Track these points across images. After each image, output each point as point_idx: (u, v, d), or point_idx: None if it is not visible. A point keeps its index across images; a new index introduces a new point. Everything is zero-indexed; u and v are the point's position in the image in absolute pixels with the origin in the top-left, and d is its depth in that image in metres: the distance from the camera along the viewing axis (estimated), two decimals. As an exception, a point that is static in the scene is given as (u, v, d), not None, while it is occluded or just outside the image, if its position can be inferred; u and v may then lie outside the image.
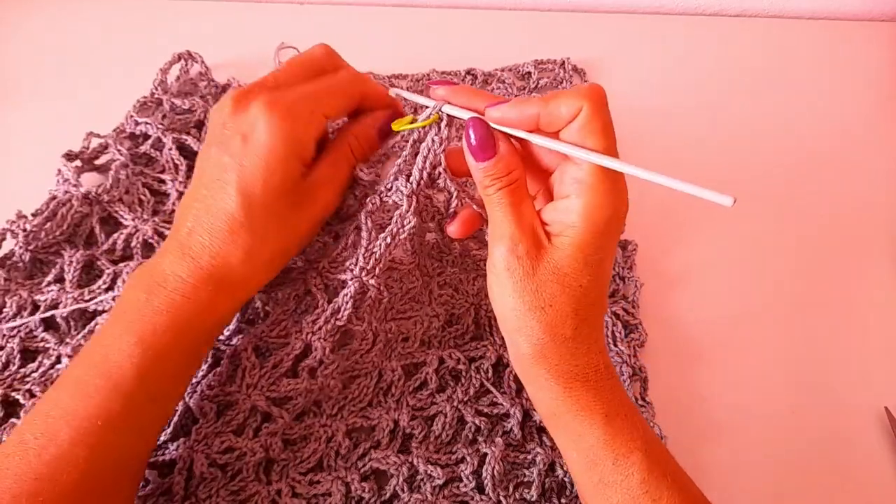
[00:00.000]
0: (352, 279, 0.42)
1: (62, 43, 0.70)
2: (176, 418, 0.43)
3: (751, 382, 0.51)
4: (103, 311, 0.48)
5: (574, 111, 0.35)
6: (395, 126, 0.42)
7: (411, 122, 0.41)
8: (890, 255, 0.58)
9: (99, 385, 0.35)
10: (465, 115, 0.38)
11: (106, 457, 0.35)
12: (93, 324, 0.48)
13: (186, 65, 0.65)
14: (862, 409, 0.49)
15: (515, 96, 0.64)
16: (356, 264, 0.42)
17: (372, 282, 0.42)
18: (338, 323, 0.43)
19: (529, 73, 0.68)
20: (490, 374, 0.48)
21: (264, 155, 0.37)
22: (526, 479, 0.44)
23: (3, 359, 0.47)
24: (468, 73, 0.68)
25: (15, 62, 0.69)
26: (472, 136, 0.37)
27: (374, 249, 0.42)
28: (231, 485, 0.42)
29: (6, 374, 0.46)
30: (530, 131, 0.37)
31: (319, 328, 0.43)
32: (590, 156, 0.35)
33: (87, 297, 0.49)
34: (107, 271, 0.50)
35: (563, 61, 0.68)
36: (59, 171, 0.54)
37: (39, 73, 0.67)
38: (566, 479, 0.44)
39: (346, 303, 0.42)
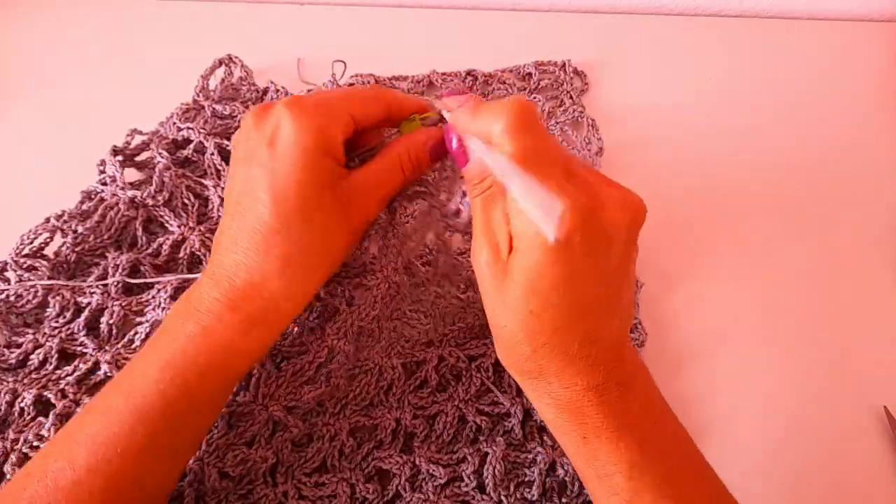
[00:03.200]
0: (381, 281, 0.42)
1: (61, 43, 0.71)
2: None
3: (750, 382, 0.51)
4: (145, 322, 0.48)
5: (487, 128, 0.34)
6: (402, 129, 0.41)
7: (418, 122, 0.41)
8: (890, 254, 0.58)
9: (122, 411, 0.34)
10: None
11: (123, 486, 0.34)
12: (132, 332, 0.48)
13: (229, 69, 0.65)
14: (861, 409, 0.50)
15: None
16: (387, 266, 0.42)
17: (396, 279, 0.43)
18: (360, 324, 0.43)
19: (530, 73, 0.68)
20: (490, 373, 0.48)
21: (293, 152, 0.35)
22: (527, 479, 0.44)
23: (41, 357, 0.47)
24: (469, 74, 0.68)
25: (31, 61, 0.69)
26: (446, 139, 0.37)
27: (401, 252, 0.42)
28: (238, 488, 0.42)
29: (42, 373, 0.46)
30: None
31: (345, 332, 0.43)
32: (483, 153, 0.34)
33: (134, 308, 0.49)
34: (157, 286, 0.50)
35: (564, 63, 0.68)
36: (104, 165, 0.54)
37: (44, 73, 0.68)
38: (567, 479, 0.44)
39: (375, 304, 0.43)
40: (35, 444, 0.43)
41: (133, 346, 0.47)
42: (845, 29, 0.78)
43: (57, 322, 0.48)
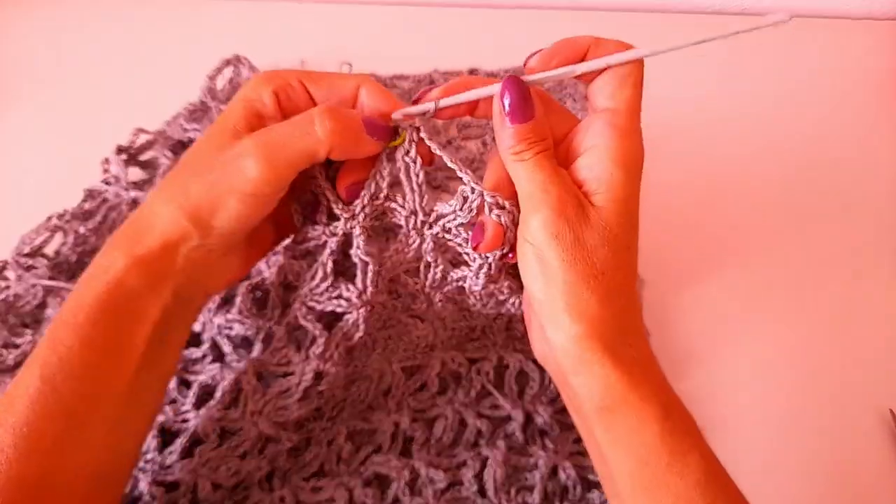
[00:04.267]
0: (363, 305, 0.40)
1: (67, 42, 0.70)
2: (183, 439, 0.42)
3: (753, 383, 0.51)
4: None
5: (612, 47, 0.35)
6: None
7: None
8: (892, 254, 0.58)
9: (28, 363, 0.33)
10: (465, 98, 0.36)
11: (31, 445, 0.32)
12: None
13: (236, 69, 0.64)
14: (866, 412, 0.49)
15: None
16: (362, 293, 0.40)
17: (380, 300, 0.41)
18: (347, 344, 0.42)
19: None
20: (491, 376, 0.48)
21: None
22: (528, 483, 0.44)
23: None
24: (470, 73, 0.68)
25: (37, 60, 0.69)
26: (508, 97, 0.34)
27: (374, 270, 0.40)
28: (234, 495, 0.42)
29: None
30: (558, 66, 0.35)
31: (330, 355, 0.41)
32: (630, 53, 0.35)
33: None
34: None
35: (567, 64, 0.68)
36: (108, 164, 0.54)
37: (49, 72, 0.68)
38: (568, 483, 0.44)
39: (358, 327, 0.41)
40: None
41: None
42: (845, 29, 0.78)
43: None
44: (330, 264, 0.40)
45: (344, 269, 0.41)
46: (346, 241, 0.39)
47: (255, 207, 0.35)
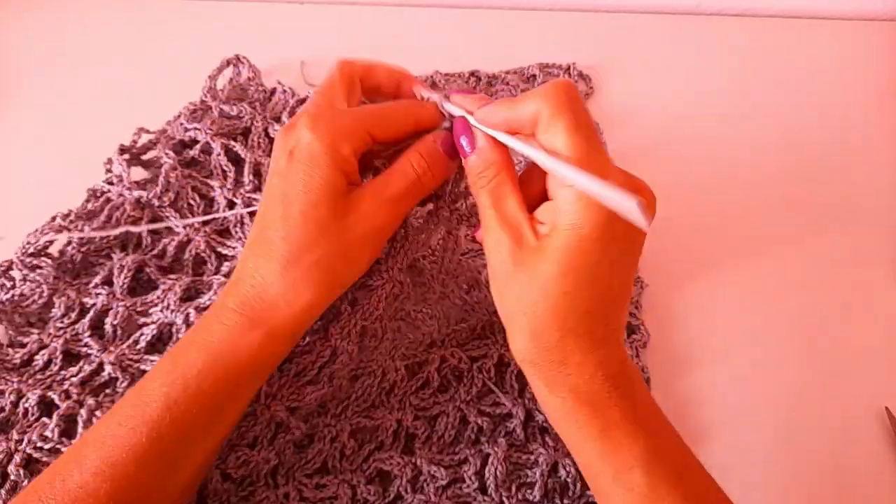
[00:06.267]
0: (387, 281, 0.42)
1: (69, 42, 0.71)
2: None
3: (752, 383, 0.51)
4: (150, 324, 0.48)
5: (533, 114, 0.34)
6: None
7: None
8: (890, 254, 0.58)
9: (130, 415, 0.35)
10: (459, 112, 0.39)
11: (128, 492, 0.34)
12: (137, 333, 0.48)
13: (237, 69, 0.65)
14: (862, 409, 0.50)
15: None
16: (392, 266, 0.42)
17: (400, 278, 0.43)
18: (363, 323, 0.43)
19: (534, 75, 0.68)
20: (492, 374, 0.48)
21: (305, 161, 0.36)
22: (528, 480, 0.44)
23: (46, 357, 0.47)
24: (472, 74, 0.68)
25: (38, 59, 0.69)
26: (455, 132, 0.38)
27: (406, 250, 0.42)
28: (240, 490, 0.42)
29: (47, 373, 0.46)
30: (511, 133, 0.36)
31: (348, 332, 0.43)
32: (546, 160, 0.33)
33: (139, 309, 0.49)
34: (161, 286, 0.50)
35: (569, 66, 0.68)
36: (111, 164, 0.54)
37: (51, 72, 0.68)
38: (569, 480, 0.44)
39: (379, 303, 0.43)
40: (39, 444, 0.43)
41: (138, 346, 0.47)
42: (845, 29, 0.78)
43: (62, 322, 0.48)
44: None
45: None
46: None
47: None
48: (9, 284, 0.49)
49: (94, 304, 0.49)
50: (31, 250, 0.50)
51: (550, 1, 0.79)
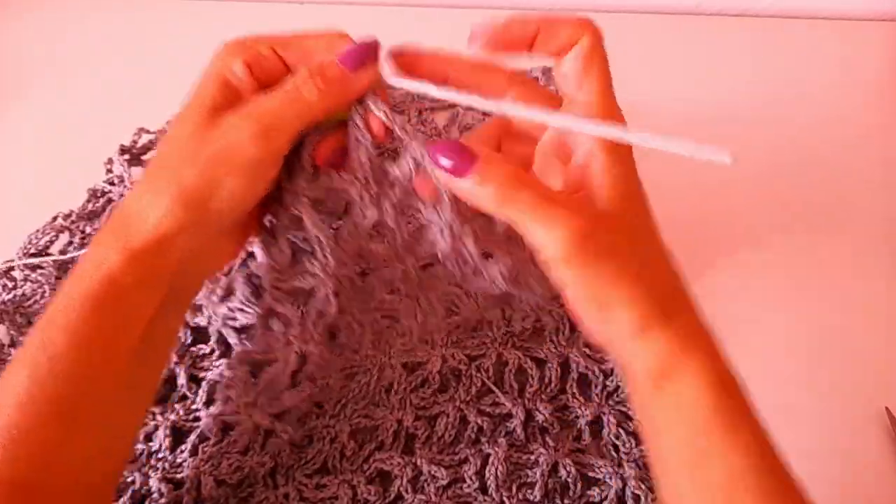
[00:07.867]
0: (323, 281, 0.39)
1: (69, 42, 0.71)
2: (193, 437, 0.43)
3: (751, 383, 0.51)
4: None
5: (574, 38, 0.32)
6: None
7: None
8: (890, 254, 0.58)
9: (18, 357, 0.33)
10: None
11: (18, 441, 0.31)
12: None
13: None
14: (862, 410, 0.50)
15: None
16: (325, 266, 0.38)
17: (343, 272, 0.39)
18: (324, 323, 0.41)
19: (536, 79, 0.68)
20: (491, 374, 0.48)
21: (197, 79, 0.36)
22: (529, 480, 0.44)
23: None
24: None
25: (39, 60, 0.69)
26: (442, 158, 0.32)
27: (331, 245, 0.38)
28: (239, 492, 0.42)
29: None
30: (521, 51, 0.33)
31: (310, 335, 0.40)
32: (594, 128, 0.32)
33: None
34: None
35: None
36: (111, 164, 0.54)
37: (51, 72, 0.68)
38: (569, 480, 0.44)
39: (328, 303, 0.39)
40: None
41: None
42: (845, 29, 0.78)
43: None
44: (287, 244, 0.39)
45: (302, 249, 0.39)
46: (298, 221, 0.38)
47: (253, 185, 0.34)
48: (10, 285, 0.49)
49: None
50: (33, 250, 0.50)
51: (550, 1, 0.79)
